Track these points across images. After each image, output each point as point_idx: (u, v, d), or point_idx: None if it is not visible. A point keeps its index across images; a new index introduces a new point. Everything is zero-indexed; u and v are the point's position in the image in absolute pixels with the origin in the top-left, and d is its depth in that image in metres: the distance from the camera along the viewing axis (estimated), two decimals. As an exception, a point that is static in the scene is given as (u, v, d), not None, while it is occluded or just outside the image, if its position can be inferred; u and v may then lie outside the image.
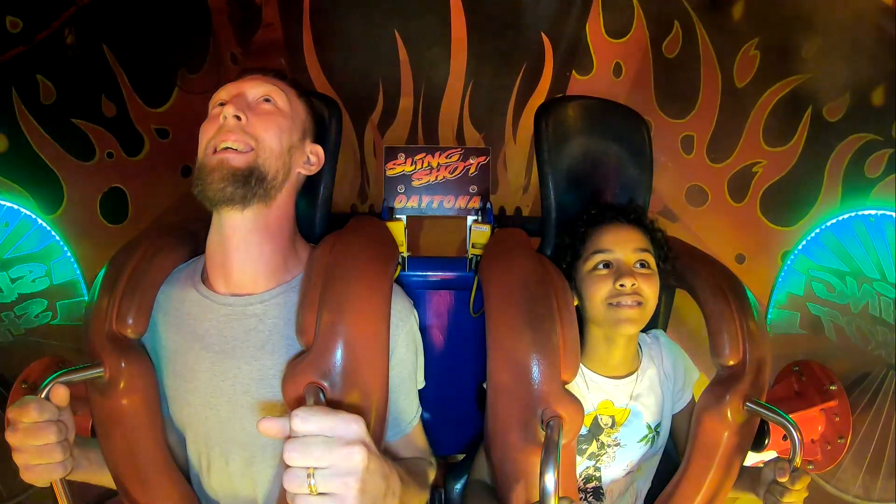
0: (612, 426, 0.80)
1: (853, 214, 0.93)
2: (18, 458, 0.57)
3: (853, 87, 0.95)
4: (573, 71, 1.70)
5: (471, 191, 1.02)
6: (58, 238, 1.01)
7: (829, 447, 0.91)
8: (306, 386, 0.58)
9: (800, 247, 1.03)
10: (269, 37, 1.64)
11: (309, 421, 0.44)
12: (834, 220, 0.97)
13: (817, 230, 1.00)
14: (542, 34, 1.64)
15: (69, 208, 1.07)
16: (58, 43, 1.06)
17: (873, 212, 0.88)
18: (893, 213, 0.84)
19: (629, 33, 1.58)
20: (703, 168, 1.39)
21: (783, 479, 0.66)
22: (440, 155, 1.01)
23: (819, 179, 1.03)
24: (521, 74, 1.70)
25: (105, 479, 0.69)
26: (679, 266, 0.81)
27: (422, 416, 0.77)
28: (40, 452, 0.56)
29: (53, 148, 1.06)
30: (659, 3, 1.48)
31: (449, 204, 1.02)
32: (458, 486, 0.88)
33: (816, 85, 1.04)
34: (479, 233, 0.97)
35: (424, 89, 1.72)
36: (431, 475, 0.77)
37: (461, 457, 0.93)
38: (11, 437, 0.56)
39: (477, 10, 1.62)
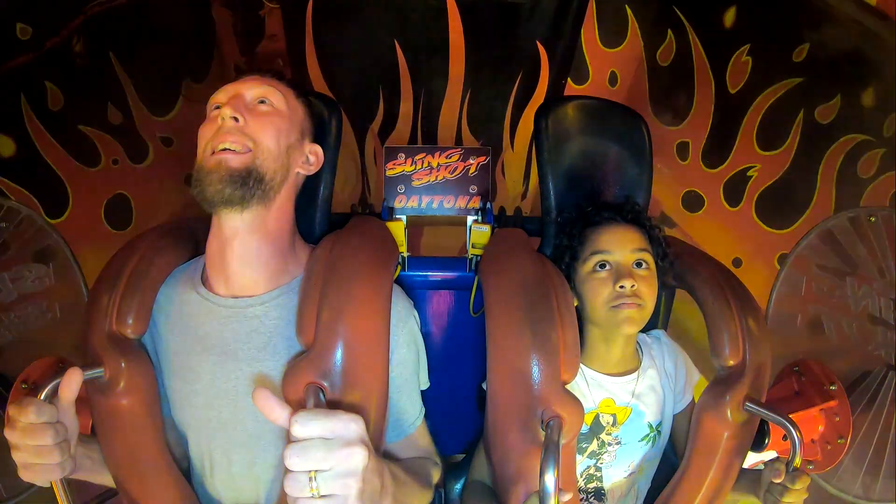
0: (614, 424, 0.80)
1: (853, 214, 0.93)
2: (17, 456, 0.57)
3: (844, 89, 0.96)
4: (569, 79, 1.73)
5: (471, 191, 1.03)
6: (60, 239, 1.02)
7: (829, 447, 0.90)
8: (306, 386, 0.58)
9: (799, 247, 1.04)
10: (272, 48, 1.66)
11: (308, 425, 0.44)
12: (833, 221, 0.97)
13: (816, 230, 1.01)
14: (538, 43, 1.67)
15: (74, 213, 1.08)
16: (66, 51, 1.08)
17: (874, 211, 0.89)
18: (894, 213, 0.85)
19: (624, 42, 1.61)
20: (698, 174, 1.41)
21: (778, 480, 0.66)
22: (440, 155, 1.01)
23: (813, 181, 1.04)
24: (517, 83, 1.73)
25: (108, 479, 0.69)
26: (678, 265, 0.81)
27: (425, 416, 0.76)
28: (38, 452, 0.56)
29: (60, 153, 1.08)
30: (653, 12, 1.52)
31: (449, 204, 1.03)
32: (458, 486, 0.88)
33: (808, 88, 1.05)
34: (479, 233, 0.98)
35: (423, 98, 1.74)
36: (436, 475, 0.77)
37: (461, 457, 0.92)
38: (10, 435, 0.56)
39: (474, 20, 1.65)
